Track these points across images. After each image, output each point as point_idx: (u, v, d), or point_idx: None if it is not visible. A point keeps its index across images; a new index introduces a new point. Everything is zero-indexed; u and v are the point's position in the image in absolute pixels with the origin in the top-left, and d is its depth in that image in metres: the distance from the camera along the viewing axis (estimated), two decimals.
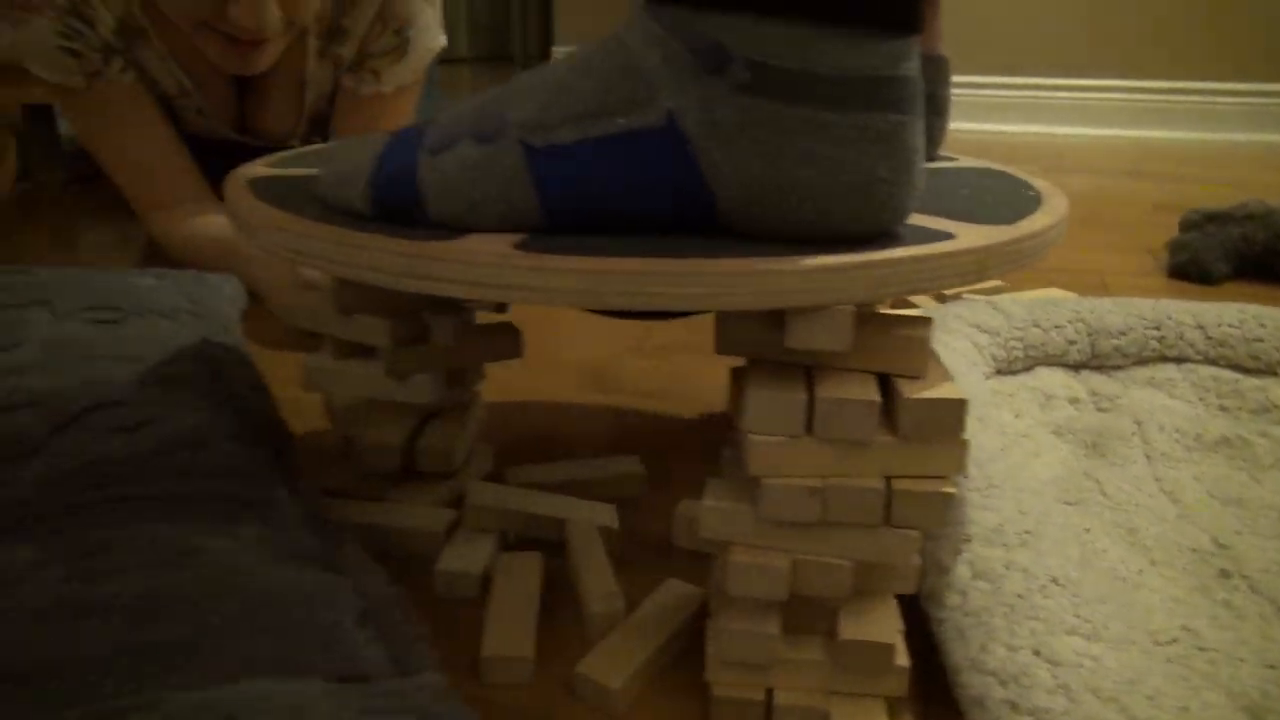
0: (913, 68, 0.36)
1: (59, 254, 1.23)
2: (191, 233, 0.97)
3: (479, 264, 0.34)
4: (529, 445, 0.69)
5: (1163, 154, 2.11)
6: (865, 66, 0.34)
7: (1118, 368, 0.78)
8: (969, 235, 0.38)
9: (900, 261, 0.35)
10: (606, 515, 0.56)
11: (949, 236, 0.37)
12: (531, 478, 0.60)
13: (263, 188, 0.46)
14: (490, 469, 0.64)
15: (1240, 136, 2.29)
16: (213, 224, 0.96)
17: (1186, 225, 1.27)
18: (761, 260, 0.34)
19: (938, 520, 0.38)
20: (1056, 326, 0.78)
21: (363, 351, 0.58)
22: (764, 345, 0.38)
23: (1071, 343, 0.78)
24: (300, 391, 0.73)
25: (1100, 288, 1.10)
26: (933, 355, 0.39)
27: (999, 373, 0.76)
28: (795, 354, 0.38)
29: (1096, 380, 0.77)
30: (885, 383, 0.39)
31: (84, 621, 0.34)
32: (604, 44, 0.39)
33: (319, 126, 1.15)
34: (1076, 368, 0.79)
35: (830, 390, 0.37)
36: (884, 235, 0.37)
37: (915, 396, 0.36)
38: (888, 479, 0.38)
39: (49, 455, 0.45)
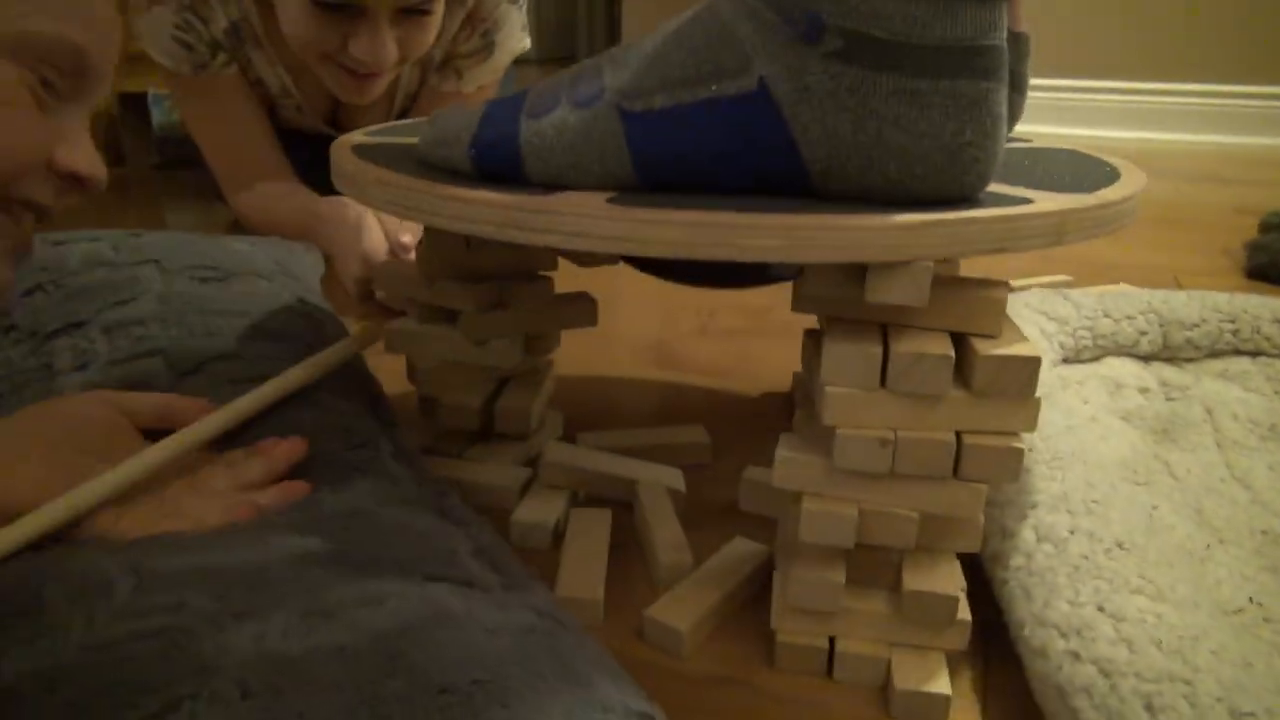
0: (1000, 37, 0.37)
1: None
2: (271, 204, 1.02)
3: (578, 214, 0.37)
4: (597, 414, 0.71)
5: (1244, 159, 2.05)
6: (955, 35, 0.36)
7: (1189, 360, 0.78)
8: (1048, 200, 0.39)
9: (978, 220, 0.36)
10: (674, 479, 0.58)
11: (1027, 201, 0.39)
12: (602, 442, 0.62)
13: (366, 151, 0.49)
14: (561, 434, 0.66)
15: None
16: (292, 196, 1.01)
17: (1266, 227, 1.24)
18: (845, 216, 0.36)
19: (1008, 474, 0.39)
20: (1128, 317, 0.78)
21: (445, 316, 0.60)
22: (842, 301, 0.40)
23: (1143, 333, 0.77)
24: (374, 357, 0.77)
25: (1172, 286, 1.08)
26: (1007, 318, 0.40)
27: (1066, 361, 0.76)
28: (873, 310, 0.40)
29: (1167, 371, 0.76)
30: (958, 341, 0.40)
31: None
32: (696, 14, 0.41)
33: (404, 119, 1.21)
34: (1147, 359, 0.78)
35: (906, 345, 0.38)
36: (965, 199, 0.38)
37: (991, 353, 0.38)
38: (958, 434, 0.39)
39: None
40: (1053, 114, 2.39)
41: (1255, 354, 0.77)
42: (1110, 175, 0.46)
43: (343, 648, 0.30)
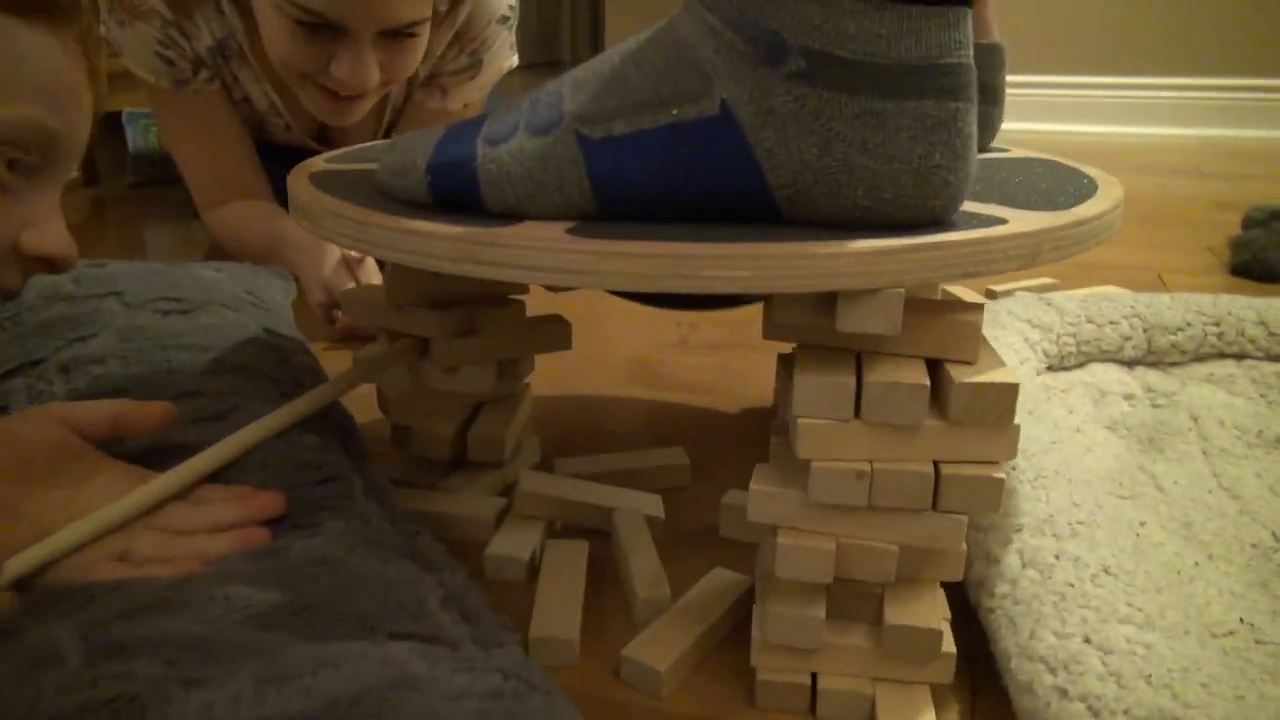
0: (966, 55, 0.36)
1: (126, 254, 1.27)
2: (240, 225, 1.01)
3: (535, 248, 0.35)
4: (575, 437, 0.69)
5: (1222, 152, 2.06)
6: (920, 54, 0.34)
7: (1175, 364, 0.77)
8: (1022, 220, 0.38)
9: (952, 245, 0.35)
10: (653, 505, 0.56)
11: (1001, 222, 0.37)
12: (579, 468, 0.61)
13: (324, 180, 0.48)
14: (538, 460, 0.65)
15: None
16: (260, 218, 0.99)
17: (1249, 223, 1.24)
18: (814, 243, 0.34)
19: (988, 506, 0.37)
20: (1111, 322, 0.77)
21: (415, 343, 0.59)
22: (813, 330, 0.39)
23: (1126, 338, 0.76)
24: None
25: (1157, 286, 1.08)
26: (984, 342, 0.39)
27: (1051, 369, 0.75)
28: (845, 338, 0.38)
29: (1152, 376, 0.75)
30: (934, 367, 0.39)
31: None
32: (655, 34, 0.40)
33: (389, 136, 1.19)
34: (1131, 364, 0.77)
35: (880, 374, 0.37)
36: (937, 222, 0.37)
37: (967, 380, 0.36)
38: (936, 464, 0.38)
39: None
40: (1032, 110, 2.39)
41: (1240, 357, 0.76)
42: (1087, 188, 0.45)
43: (292, 717, 0.29)
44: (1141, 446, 0.64)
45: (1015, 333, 0.74)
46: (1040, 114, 2.38)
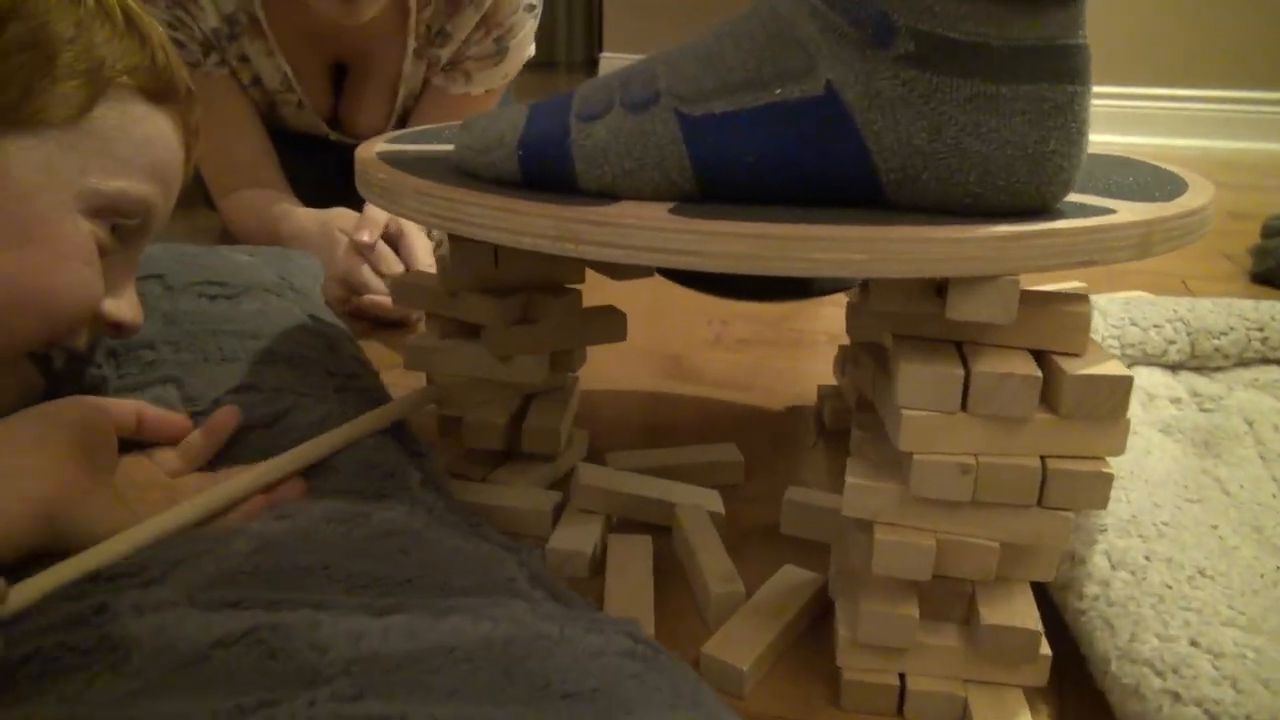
0: (1083, 35, 0.35)
1: None
2: (244, 216, 0.98)
3: (641, 228, 0.34)
4: (619, 431, 0.68)
5: (1232, 163, 2.07)
6: (1037, 35, 0.33)
7: (1218, 369, 0.76)
8: (1130, 210, 0.37)
9: (1069, 232, 0.34)
10: (713, 500, 0.55)
11: (1110, 211, 0.36)
12: (633, 462, 0.60)
13: (394, 160, 0.46)
14: (586, 453, 0.63)
15: None
16: (264, 209, 0.97)
17: (1270, 231, 1.24)
18: (930, 228, 0.33)
19: (1096, 502, 0.36)
20: (1155, 325, 0.76)
21: (466, 331, 0.57)
22: (914, 318, 0.38)
23: (1170, 342, 0.76)
24: (389, 375, 0.73)
25: (1183, 292, 1.08)
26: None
27: None
28: (948, 327, 0.37)
29: (1197, 381, 0.75)
30: (1039, 359, 0.38)
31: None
32: (754, 13, 0.39)
33: (403, 124, 1.17)
34: (1175, 368, 0.77)
35: (988, 365, 0.36)
36: (1045, 209, 0.36)
37: (1080, 373, 0.35)
38: (1043, 458, 0.37)
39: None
40: None
41: None
42: (1178, 182, 0.44)
43: (450, 650, 0.28)
44: (1198, 450, 0.63)
45: (1091, 309, 0.73)
46: None
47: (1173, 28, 2.27)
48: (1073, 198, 0.40)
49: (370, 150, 0.49)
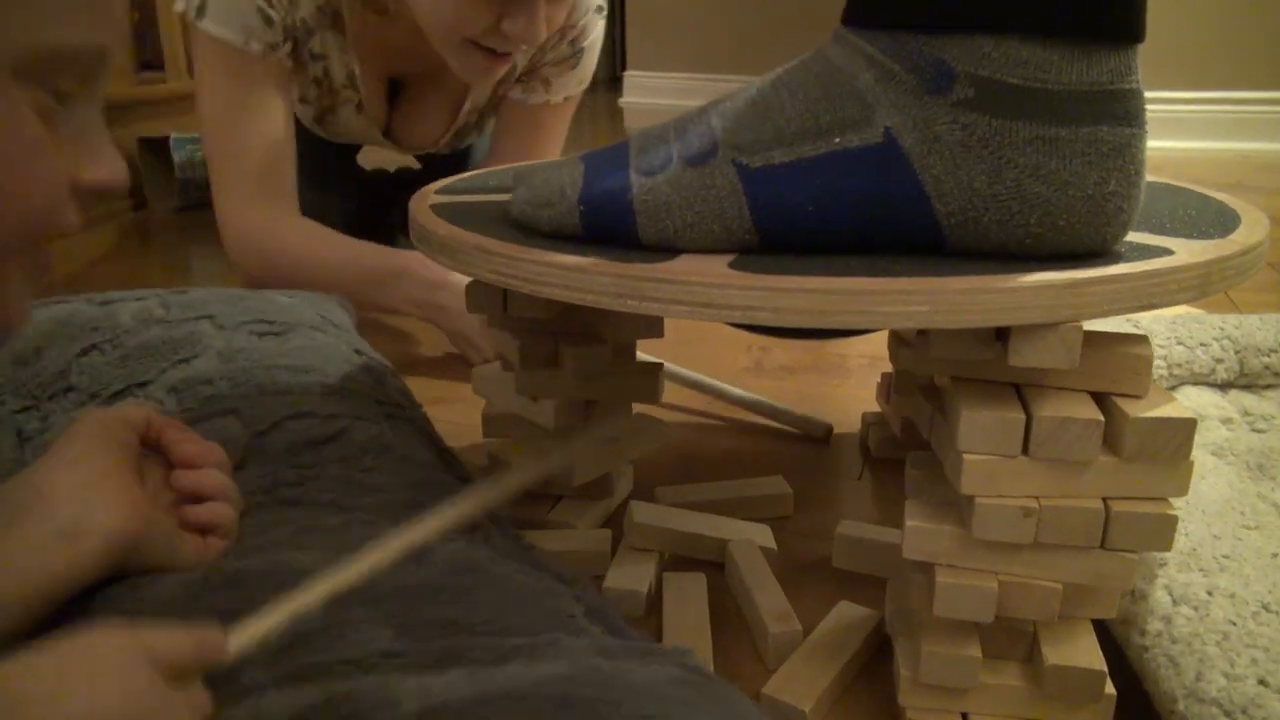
0: (1137, 80, 0.35)
1: (171, 278, 1.28)
2: (324, 245, 0.92)
3: (704, 284, 0.35)
4: (665, 464, 0.69)
5: (1261, 166, 2.04)
6: (1093, 80, 0.34)
7: (1269, 387, 0.76)
8: (1188, 250, 0.37)
9: (1129, 277, 0.34)
10: (764, 536, 0.56)
11: (1168, 252, 0.37)
12: (683, 497, 0.60)
13: (448, 212, 0.47)
14: (632, 487, 0.64)
15: None
16: (362, 244, 0.93)
17: None
18: (991, 277, 0.34)
19: (1160, 544, 0.36)
20: (1202, 344, 0.76)
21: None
22: (976, 364, 0.38)
23: (1219, 361, 0.75)
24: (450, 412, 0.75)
25: (1227, 305, 1.06)
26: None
27: None
28: (1006, 371, 0.38)
29: (1247, 400, 0.74)
30: (1099, 401, 0.38)
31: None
32: (805, 63, 0.39)
33: (460, 137, 1.16)
34: (1224, 387, 0.76)
35: (1050, 409, 0.36)
36: (1105, 251, 0.36)
37: (1144, 416, 0.35)
38: (1105, 500, 0.37)
39: (256, 464, 0.47)
40: None
41: None
42: (1230, 214, 0.44)
43: (509, 693, 0.30)
44: (1252, 473, 0.63)
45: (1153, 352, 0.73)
46: None
47: (1214, 30, 2.25)
48: (1130, 236, 0.40)
49: (423, 202, 0.50)
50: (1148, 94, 0.36)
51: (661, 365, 0.59)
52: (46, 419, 0.55)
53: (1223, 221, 0.42)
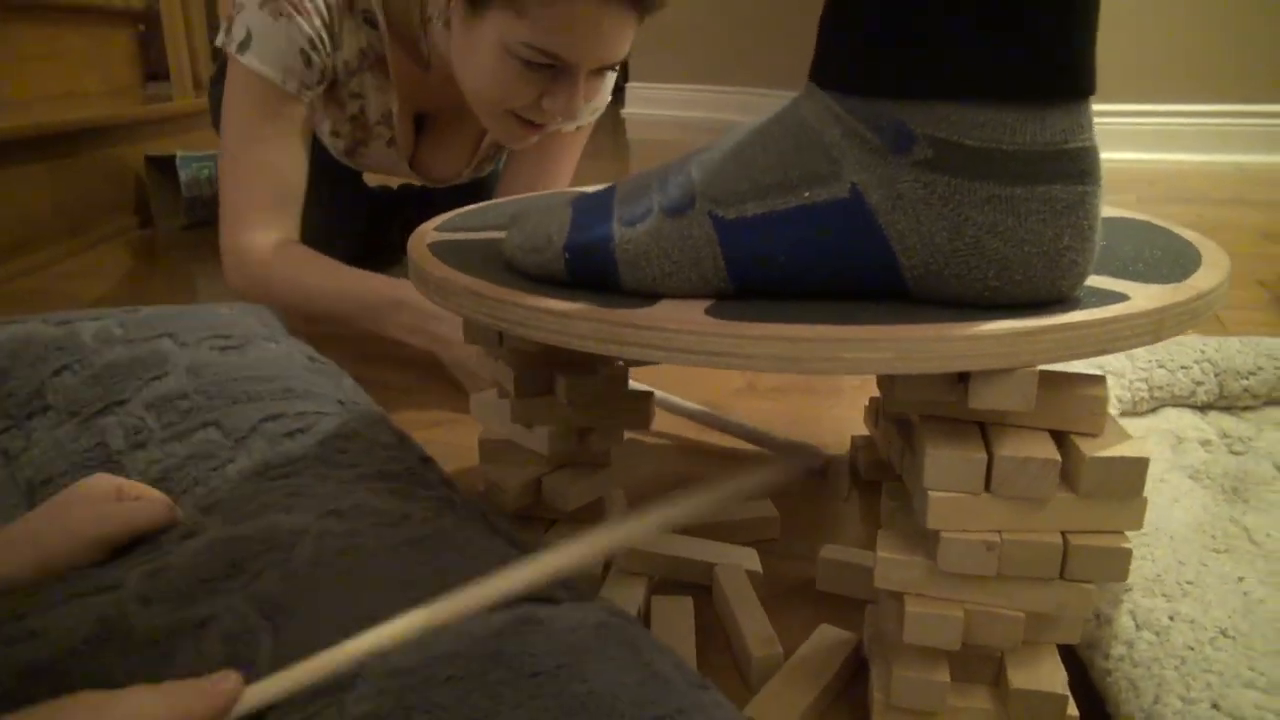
0: (1090, 137, 0.37)
1: (179, 295, 1.30)
2: (323, 274, 0.95)
3: (679, 331, 0.37)
4: (657, 485, 0.71)
5: (1260, 179, 2.05)
6: (1047, 139, 0.36)
7: (1248, 408, 0.77)
8: (1143, 296, 0.39)
9: (1083, 325, 0.36)
10: (750, 559, 0.58)
11: (1124, 298, 0.39)
12: None
13: (446, 251, 0.49)
14: (625, 510, 0.66)
15: None
16: (362, 274, 0.95)
17: None
18: (951, 325, 0.36)
19: (1116, 575, 0.38)
20: (1182, 367, 0.77)
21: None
22: (940, 404, 0.40)
23: (1199, 383, 0.77)
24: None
25: (1215, 323, 1.08)
26: (1108, 415, 0.40)
27: (1124, 415, 0.76)
28: (972, 411, 0.40)
29: (1226, 422, 0.76)
30: (1059, 439, 0.40)
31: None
32: (780, 116, 0.41)
33: (480, 169, 1.20)
34: (1204, 409, 0.78)
35: (1011, 449, 0.38)
36: (1063, 300, 0.38)
37: (1098, 455, 0.37)
38: (1064, 534, 0.39)
39: (244, 460, 0.53)
40: None
41: None
42: (1192, 255, 0.46)
43: (455, 654, 0.36)
44: (1226, 496, 0.65)
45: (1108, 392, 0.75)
46: None
47: (1208, 42, 2.26)
48: (1091, 281, 0.42)
49: (422, 241, 0.52)
50: (1147, 108, 0.38)
51: (652, 393, 0.61)
52: (30, 436, 0.59)
53: (1183, 264, 0.44)
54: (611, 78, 0.96)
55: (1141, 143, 2.34)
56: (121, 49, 2.06)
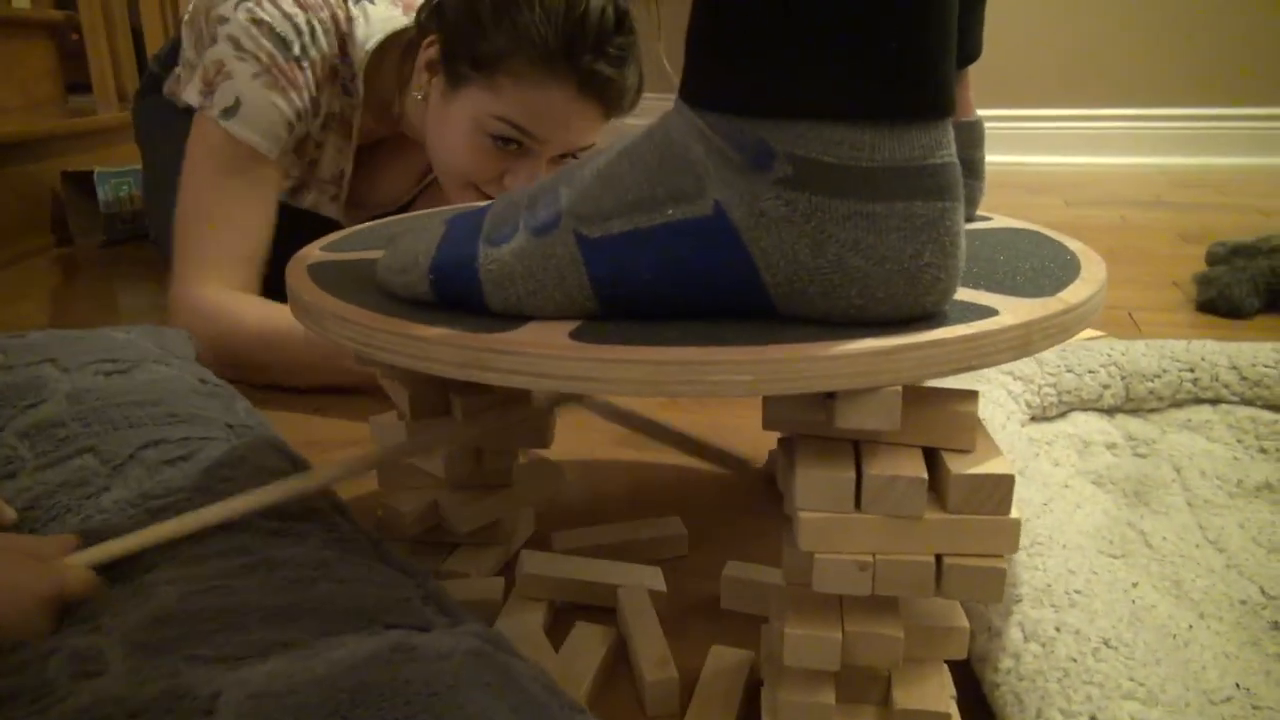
0: (950, 154, 0.37)
1: (101, 314, 1.26)
2: (278, 314, 0.92)
3: (540, 355, 0.36)
4: (568, 505, 0.70)
5: (1181, 181, 2.11)
6: (906, 156, 0.36)
7: (1153, 411, 0.79)
8: (1012, 310, 0.39)
9: (946, 342, 0.36)
10: (654, 578, 0.57)
11: (993, 313, 0.38)
12: (577, 542, 0.61)
13: (321, 274, 0.48)
14: (532, 532, 0.65)
15: (1255, 160, 2.29)
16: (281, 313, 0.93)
17: (1213, 259, 1.27)
18: (813, 344, 0.35)
19: (991, 594, 0.38)
20: (1090, 371, 0.79)
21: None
22: (811, 423, 0.40)
23: (1105, 387, 0.78)
24: None
25: (1129, 325, 1.10)
26: (981, 427, 0.40)
27: (1034, 419, 0.77)
28: (844, 430, 0.39)
29: (1133, 424, 0.77)
30: (931, 456, 0.40)
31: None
32: (649, 132, 0.41)
33: (427, 192, 1.22)
34: (1111, 412, 0.79)
35: (879, 467, 0.38)
36: (929, 316, 0.38)
37: (963, 472, 0.37)
38: (938, 555, 0.38)
39: (120, 489, 0.51)
40: (992, 143, 2.45)
41: (1215, 402, 0.78)
42: (1070, 266, 0.46)
43: (317, 679, 0.36)
44: (1128, 500, 0.66)
45: (998, 385, 0.76)
46: (1000, 146, 2.43)
47: (1132, 49, 2.32)
48: (965, 294, 0.42)
49: (301, 264, 0.50)
50: (1077, 112, 0.38)
51: (553, 410, 0.60)
52: None
53: (1060, 277, 0.45)
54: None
55: (1067, 147, 2.39)
56: (39, 61, 2.00)
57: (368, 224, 0.63)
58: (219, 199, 0.95)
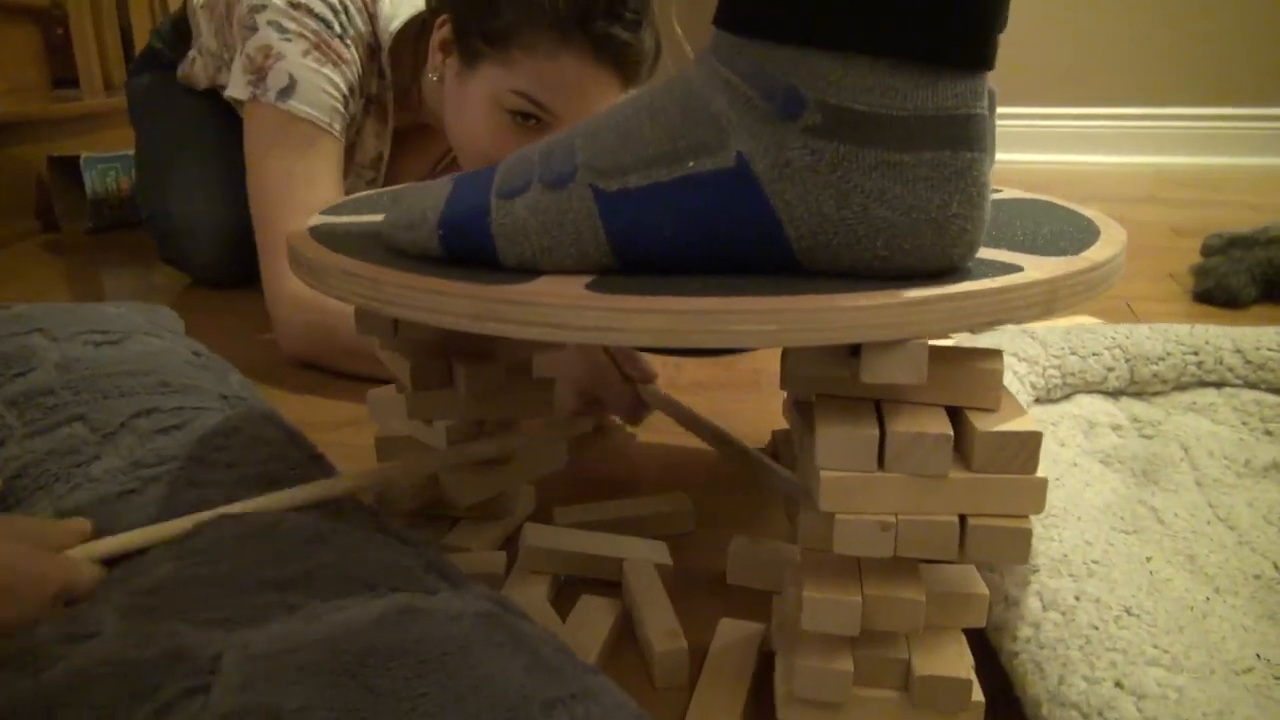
0: (981, 106, 0.36)
1: (88, 300, 1.24)
2: None
3: (558, 305, 0.35)
4: (569, 482, 0.68)
5: (1174, 180, 2.12)
6: (937, 105, 0.35)
7: (1157, 394, 0.78)
8: (1038, 267, 0.38)
9: (974, 294, 0.35)
10: (660, 553, 0.56)
11: (1017, 269, 0.38)
12: (581, 517, 0.60)
13: (325, 234, 0.47)
14: (533, 508, 0.64)
15: (1250, 160, 2.30)
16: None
17: (1209, 250, 1.27)
18: (838, 295, 0.34)
19: (1016, 556, 0.37)
20: (1094, 354, 0.78)
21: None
22: (833, 380, 0.39)
23: (1110, 369, 0.78)
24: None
25: (1128, 315, 1.10)
26: (1005, 390, 0.39)
27: (1038, 401, 0.76)
28: (865, 388, 0.38)
29: (1137, 407, 0.76)
30: (955, 415, 0.39)
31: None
32: (668, 86, 0.40)
33: (446, 171, 1.23)
34: (1115, 394, 0.78)
35: (903, 425, 0.37)
36: (954, 270, 0.37)
37: (990, 430, 0.36)
38: (962, 515, 0.38)
39: (111, 457, 0.49)
40: None
41: (1219, 385, 0.78)
42: (1089, 230, 0.46)
43: (321, 641, 0.35)
44: (1136, 479, 0.65)
45: (1003, 366, 0.75)
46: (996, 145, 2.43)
47: (1126, 47, 2.33)
48: (985, 253, 0.41)
49: (302, 226, 0.49)
50: (1067, 111, 0.37)
51: (554, 381, 0.59)
52: None
53: (1081, 238, 0.44)
54: None
55: (1061, 145, 2.40)
56: (25, 47, 1.97)
57: (361, 194, 0.62)
58: (290, 184, 0.93)
